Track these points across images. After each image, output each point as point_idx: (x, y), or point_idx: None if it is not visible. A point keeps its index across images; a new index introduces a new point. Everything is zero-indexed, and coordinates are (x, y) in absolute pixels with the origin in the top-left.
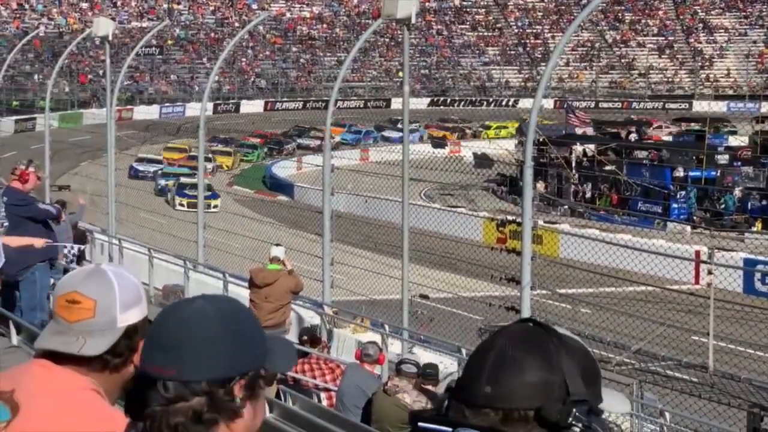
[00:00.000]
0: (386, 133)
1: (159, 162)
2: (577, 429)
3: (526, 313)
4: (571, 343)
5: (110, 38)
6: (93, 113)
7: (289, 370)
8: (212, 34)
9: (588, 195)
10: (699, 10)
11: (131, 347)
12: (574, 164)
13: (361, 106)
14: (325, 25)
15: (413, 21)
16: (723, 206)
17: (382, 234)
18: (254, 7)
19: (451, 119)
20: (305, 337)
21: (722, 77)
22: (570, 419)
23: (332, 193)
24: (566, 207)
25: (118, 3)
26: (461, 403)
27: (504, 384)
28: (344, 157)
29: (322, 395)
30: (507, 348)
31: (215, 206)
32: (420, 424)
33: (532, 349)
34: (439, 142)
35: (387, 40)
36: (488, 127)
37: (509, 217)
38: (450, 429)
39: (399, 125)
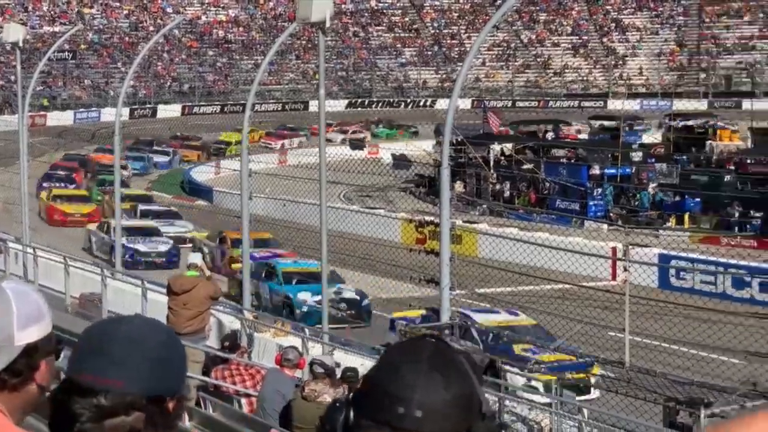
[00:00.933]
0: None
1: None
2: None
3: (445, 315)
4: (469, 357)
5: (21, 44)
6: (5, 120)
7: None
8: (126, 39)
9: (506, 194)
10: (611, 10)
11: (31, 366)
12: (492, 164)
13: (279, 109)
14: (241, 29)
15: (328, 24)
16: (638, 203)
17: (301, 237)
18: (169, 10)
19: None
20: (226, 343)
21: (635, 76)
22: None
23: (250, 197)
24: (485, 206)
25: (30, 7)
26: (382, 425)
27: (434, 408)
28: (262, 161)
29: (243, 401)
30: (430, 370)
31: None
32: None
33: (451, 367)
34: (357, 144)
35: (304, 42)
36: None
37: (427, 218)
38: None
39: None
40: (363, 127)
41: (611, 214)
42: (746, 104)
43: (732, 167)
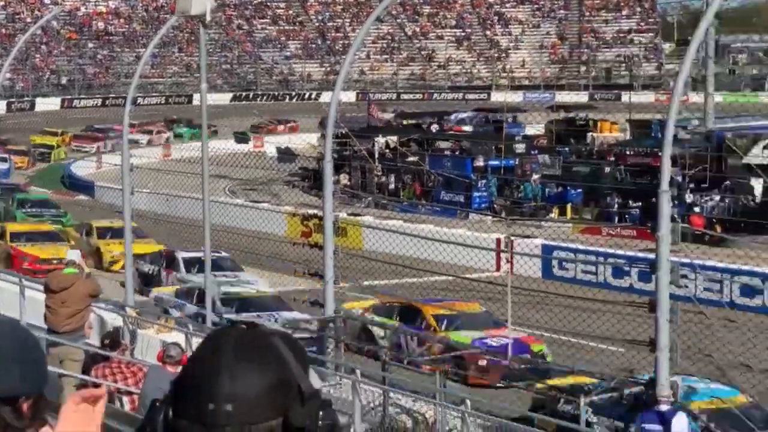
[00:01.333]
0: None
1: None
2: (324, 429)
3: (330, 308)
4: (287, 337)
5: None
6: None
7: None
8: (3, 30)
9: (391, 186)
10: (494, 3)
11: None
12: (377, 156)
13: (162, 102)
14: (122, 20)
15: (209, 18)
16: (522, 194)
17: (186, 231)
18: (47, 1)
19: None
20: (107, 341)
21: (518, 68)
22: (319, 422)
23: (132, 192)
24: (370, 199)
25: None
26: (193, 422)
27: (244, 399)
28: (144, 156)
29: (125, 399)
30: (237, 359)
31: None
32: None
33: (262, 353)
34: (241, 138)
35: (187, 35)
36: None
37: (311, 212)
38: None
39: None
40: (164, 126)
41: (495, 206)
42: (625, 97)
43: (612, 158)
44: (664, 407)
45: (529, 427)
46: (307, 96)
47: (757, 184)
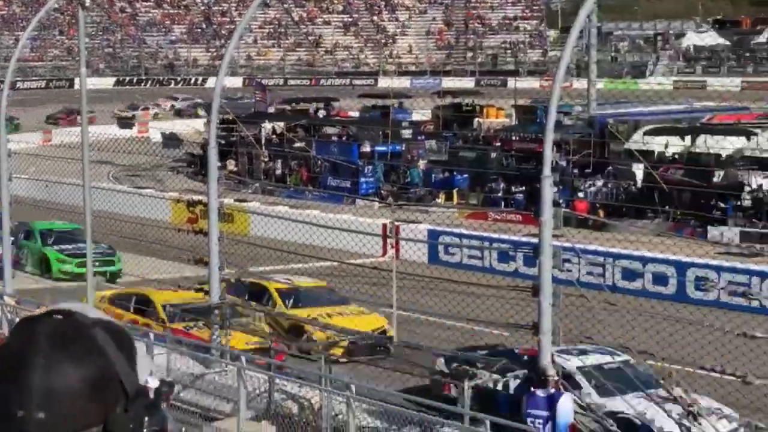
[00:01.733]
0: None
1: None
2: None
3: (215, 294)
4: (110, 326)
5: None
6: None
7: None
8: None
9: (278, 172)
10: None
11: None
12: (264, 142)
13: (43, 86)
14: (1, 3)
15: (88, 0)
16: (408, 180)
17: (66, 218)
18: None
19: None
20: None
21: (405, 54)
22: (144, 430)
23: (10, 178)
24: (257, 185)
25: None
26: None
27: (60, 404)
28: (23, 141)
29: None
30: (49, 359)
31: None
32: None
33: (78, 350)
34: (126, 123)
35: (68, 17)
36: None
37: (197, 198)
38: None
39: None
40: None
41: (382, 192)
42: (511, 83)
43: (498, 144)
44: (549, 390)
45: (414, 411)
46: (193, 81)
47: (638, 170)
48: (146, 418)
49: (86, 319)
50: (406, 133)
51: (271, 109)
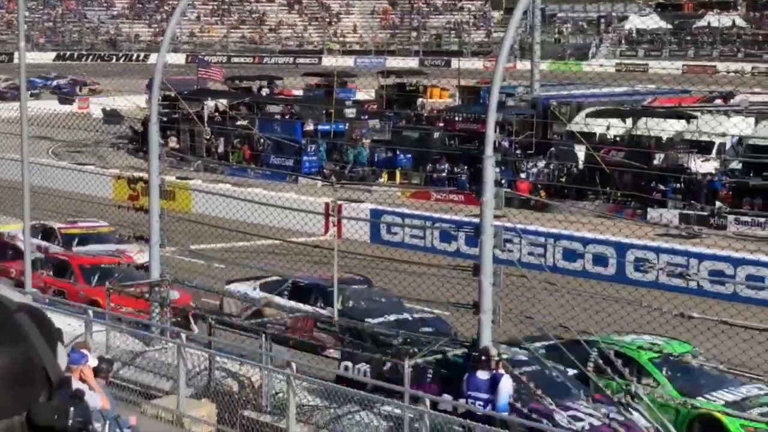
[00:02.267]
0: None
1: None
2: (75, 427)
3: (155, 271)
4: (34, 312)
5: None
6: None
7: None
8: None
9: (221, 150)
10: None
11: None
12: (206, 119)
13: None
14: None
15: None
16: (352, 159)
17: (4, 194)
18: None
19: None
20: None
21: (349, 33)
22: (70, 420)
23: None
24: (199, 163)
25: None
26: None
27: None
28: None
29: None
30: None
31: None
32: None
33: (2, 336)
34: (66, 99)
35: None
36: None
37: (138, 174)
38: None
39: None
40: None
41: (325, 170)
42: (455, 63)
43: (441, 124)
44: (489, 370)
45: (353, 389)
46: (134, 57)
47: (580, 152)
48: (71, 408)
49: (11, 303)
50: (350, 113)
51: (215, 86)
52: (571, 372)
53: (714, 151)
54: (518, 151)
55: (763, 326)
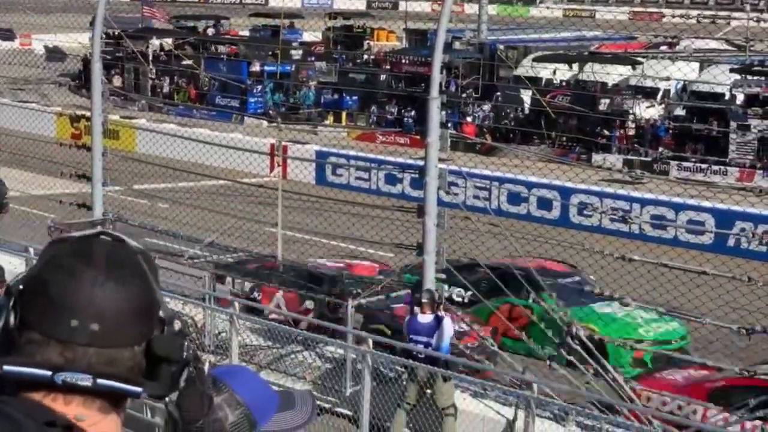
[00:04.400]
0: None
1: None
2: (189, 359)
3: (98, 210)
4: (147, 256)
5: None
6: None
7: None
8: None
9: (166, 90)
10: None
11: None
12: (151, 58)
13: None
14: None
15: None
16: (299, 101)
17: None
18: None
19: None
20: None
21: None
22: (184, 353)
23: None
24: (144, 102)
25: None
26: (48, 337)
27: (112, 319)
28: None
29: None
30: (109, 275)
31: None
32: (6, 368)
33: (128, 270)
34: (6, 35)
35: None
36: None
37: (80, 112)
38: (49, 373)
39: None
40: None
41: (271, 111)
42: (402, 6)
43: (387, 66)
44: (431, 313)
45: (295, 329)
46: None
47: (526, 96)
48: (184, 342)
49: (134, 246)
50: (296, 54)
51: (161, 25)
52: None
53: (659, 96)
54: (464, 95)
55: (701, 269)
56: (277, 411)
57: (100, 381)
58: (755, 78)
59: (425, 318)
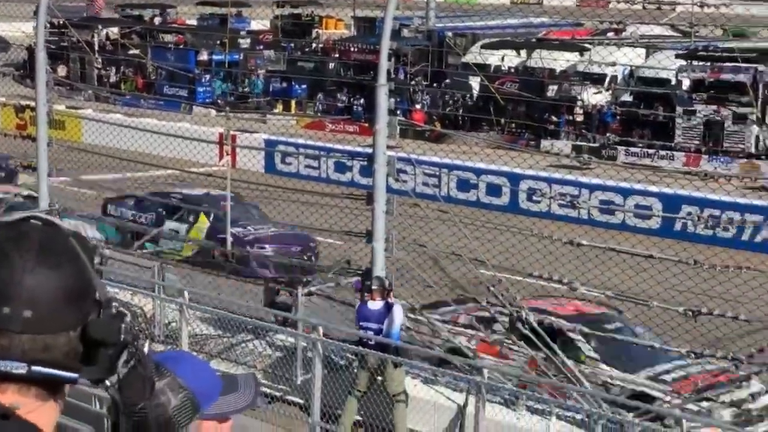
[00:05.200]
0: None
1: None
2: (126, 341)
3: (44, 200)
4: (81, 239)
5: None
6: None
7: None
8: None
9: (113, 79)
10: None
11: None
12: (97, 48)
13: None
14: None
15: None
16: (248, 89)
17: None
18: None
19: None
20: None
21: None
22: (122, 335)
23: None
24: (90, 92)
25: None
26: None
27: (45, 305)
28: None
29: None
30: (40, 260)
31: None
32: None
33: (62, 254)
34: None
35: None
36: None
37: (24, 103)
38: None
39: None
40: None
41: (219, 100)
42: None
43: (336, 55)
44: (381, 300)
45: (247, 318)
46: None
47: (475, 82)
48: (122, 325)
49: (66, 230)
50: (245, 43)
51: (107, 14)
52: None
53: (606, 82)
54: (413, 82)
55: (647, 253)
56: (221, 394)
57: (34, 368)
58: (700, 63)
59: (375, 305)
